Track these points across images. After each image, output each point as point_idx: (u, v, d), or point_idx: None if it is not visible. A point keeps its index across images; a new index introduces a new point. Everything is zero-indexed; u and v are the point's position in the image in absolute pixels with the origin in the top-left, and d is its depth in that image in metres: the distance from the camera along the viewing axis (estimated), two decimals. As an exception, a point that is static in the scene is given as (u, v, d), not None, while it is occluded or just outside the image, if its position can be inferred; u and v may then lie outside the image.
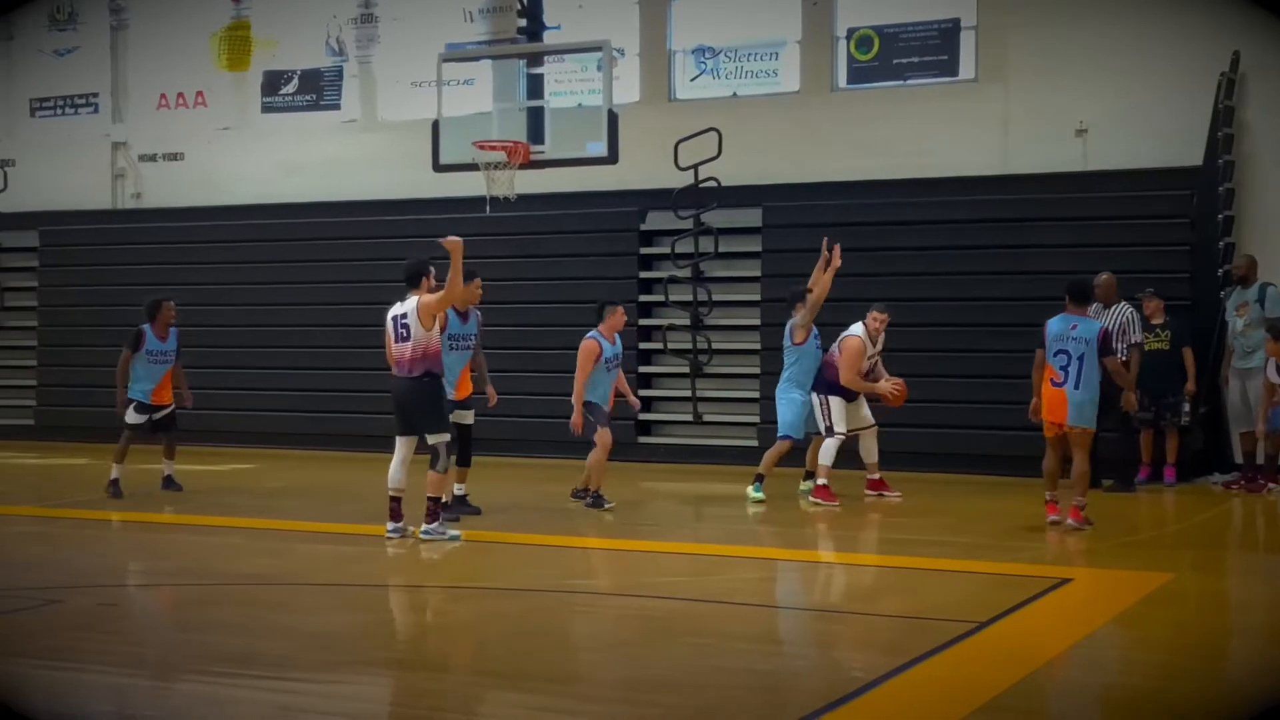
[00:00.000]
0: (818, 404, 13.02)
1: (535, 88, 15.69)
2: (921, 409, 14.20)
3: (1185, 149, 14.84)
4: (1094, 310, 13.28)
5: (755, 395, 16.29)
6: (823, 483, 12.82)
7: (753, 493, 13.00)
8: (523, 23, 16.63)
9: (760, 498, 12.93)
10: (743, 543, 11.45)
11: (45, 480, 16.44)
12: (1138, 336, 13.87)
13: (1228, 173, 15.02)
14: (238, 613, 8.45)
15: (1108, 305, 13.85)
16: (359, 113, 19.14)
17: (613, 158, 14.64)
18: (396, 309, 10.85)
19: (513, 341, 16.49)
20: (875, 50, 16.66)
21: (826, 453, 12.89)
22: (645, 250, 17.26)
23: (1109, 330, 12.03)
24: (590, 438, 12.50)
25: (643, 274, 17.16)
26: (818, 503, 12.73)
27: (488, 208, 15.00)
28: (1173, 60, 15.28)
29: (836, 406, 12.95)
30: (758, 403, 16.18)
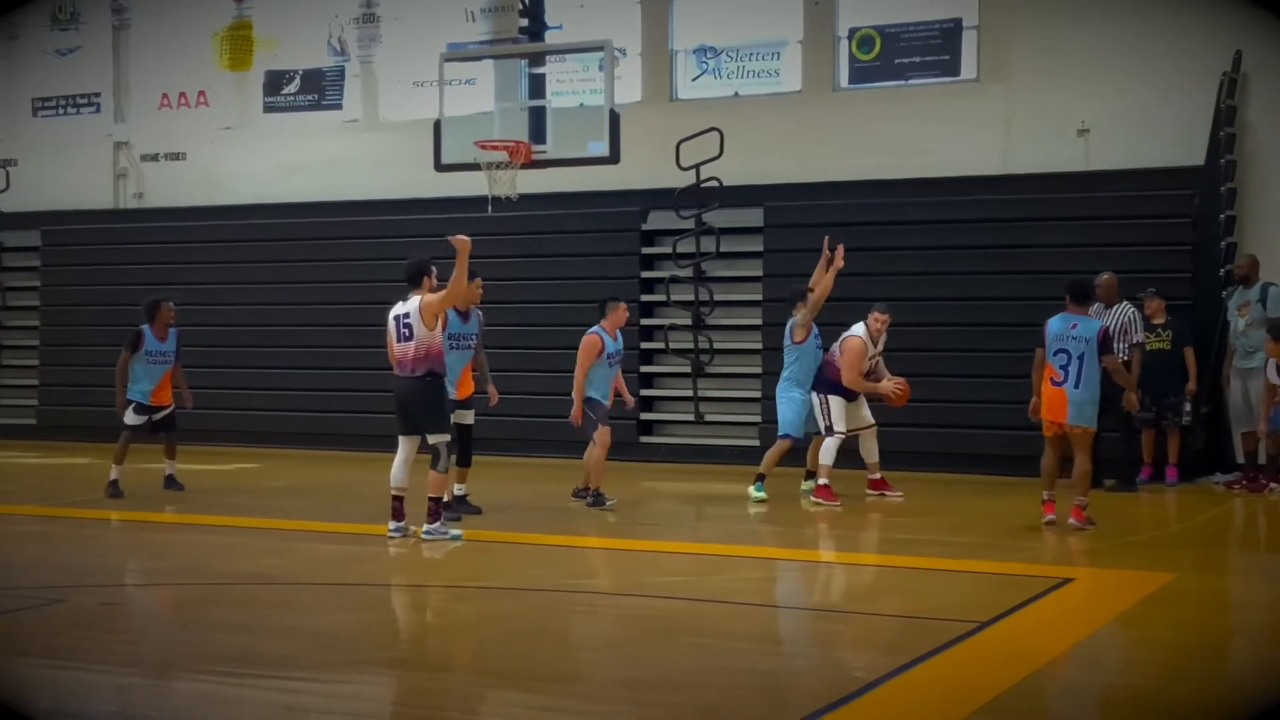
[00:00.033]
0: (817, 403, 13.02)
1: (537, 87, 15.69)
2: (923, 409, 14.19)
3: (1187, 149, 14.85)
4: (1096, 310, 13.28)
5: (757, 395, 16.28)
6: (824, 483, 12.82)
7: (754, 492, 13.00)
8: (524, 22, 16.62)
9: (762, 497, 12.93)
10: (744, 542, 11.45)
11: (47, 480, 16.46)
12: (1139, 336, 13.87)
13: (1230, 172, 15.03)
14: (239, 612, 8.46)
15: (1109, 305, 13.85)
16: (361, 112, 19.15)
17: (614, 157, 14.63)
18: (399, 308, 10.85)
19: (514, 341, 16.49)
20: (877, 50, 16.66)
21: (827, 453, 12.89)
22: (647, 250, 17.27)
23: (1109, 329, 12.02)
24: (589, 435, 12.51)
25: (644, 274, 17.16)
26: (819, 503, 12.73)
27: (489, 207, 15.00)
28: (1174, 60, 15.28)
29: (836, 406, 12.95)
30: (759, 402, 16.18)
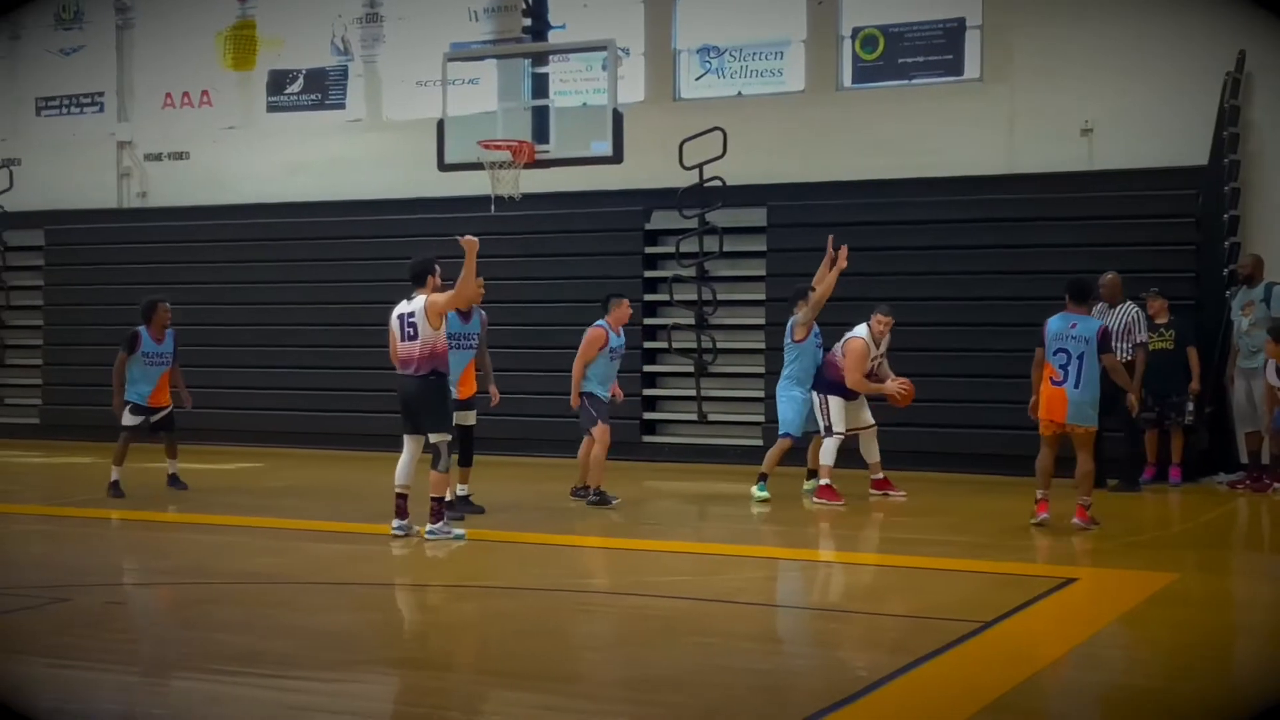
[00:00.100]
0: (817, 403, 13.02)
1: (540, 87, 15.69)
2: (926, 408, 14.18)
3: (1190, 148, 14.84)
4: (1099, 310, 13.29)
5: (760, 394, 16.27)
6: (825, 482, 12.81)
7: (757, 492, 12.99)
8: (528, 22, 16.63)
9: (764, 497, 12.93)
10: (747, 542, 11.45)
11: (50, 479, 16.48)
12: (1143, 336, 13.86)
13: (1233, 172, 15.02)
14: (241, 611, 8.46)
15: (1113, 305, 13.85)
16: (364, 112, 19.15)
17: (617, 157, 14.63)
18: (403, 307, 10.85)
19: (517, 341, 16.49)
20: (880, 50, 16.66)
21: (827, 453, 12.89)
22: (650, 249, 17.27)
23: (1109, 328, 12.01)
24: (587, 428, 12.51)
25: (647, 273, 17.16)
26: (821, 503, 12.73)
27: (492, 207, 15.00)
28: (1178, 60, 15.28)
29: (835, 406, 12.94)
30: (762, 402, 16.17)
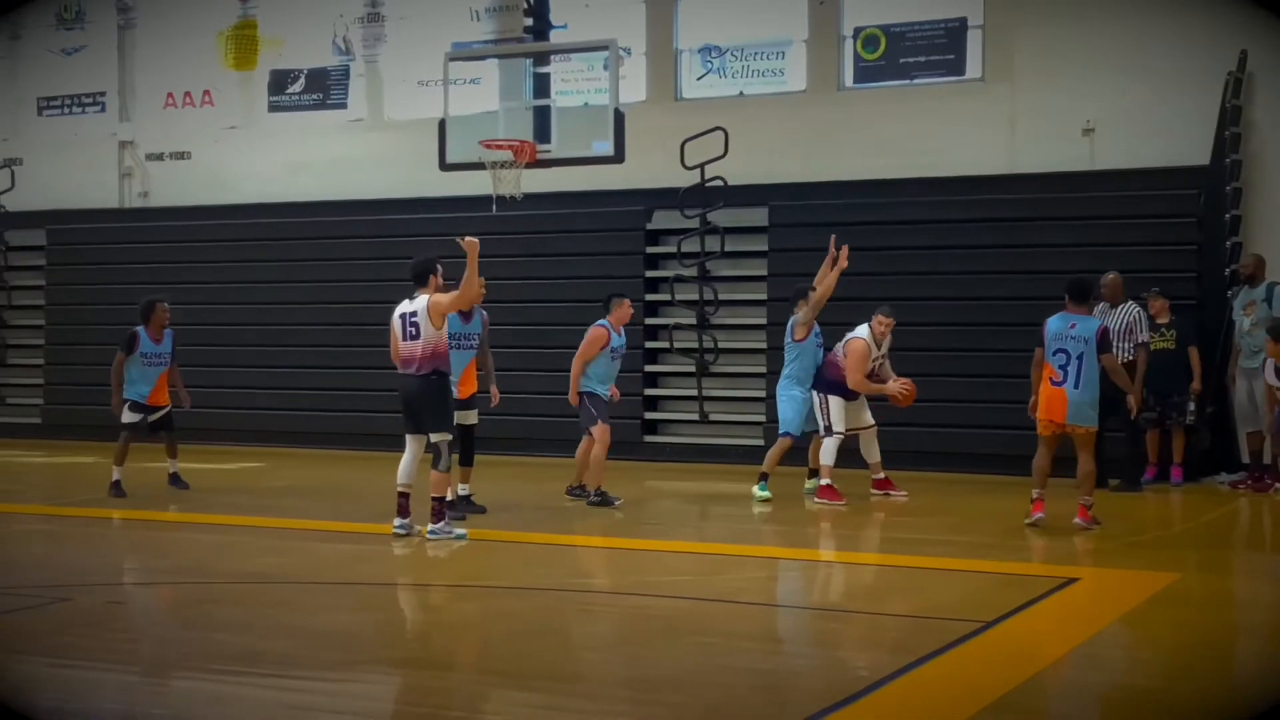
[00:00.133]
0: (817, 403, 13.01)
1: (542, 87, 15.69)
2: (927, 408, 14.16)
3: (1192, 148, 14.84)
4: (1100, 309, 13.28)
5: (761, 394, 16.27)
6: (826, 482, 12.81)
7: (758, 492, 12.99)
8: (529, 22, 16.61)
9: (766, 496, 12.92)
10: (748, 542, 11.45)
11: (52, 479, 16.49)
12: (1144, 336, 13.85)
13: (1235, 172, 15.01)
14: (242, 611, 8.46)
15: (1114, 304, 13.84)
16: (365, 112, 19.16)
17: (619, 157, 14.63)
18: (405, 307, 10.85)
19: (518, 340, 16.48)
20: (882, 49, 16.65)
21: (827, 453, 12.88)
22: (651, 249, 17.26)
23: (1108, 328, 12.00)
24: (586, 427, 12.51)
25: (649, 273, 17.16)
26: (822, 502, 12.73)
27: (494, 207, 15.00)
28: (1179, 60, 15.27)
29: (835, 406, 12.94)
30: (763, 402, 16.16)
